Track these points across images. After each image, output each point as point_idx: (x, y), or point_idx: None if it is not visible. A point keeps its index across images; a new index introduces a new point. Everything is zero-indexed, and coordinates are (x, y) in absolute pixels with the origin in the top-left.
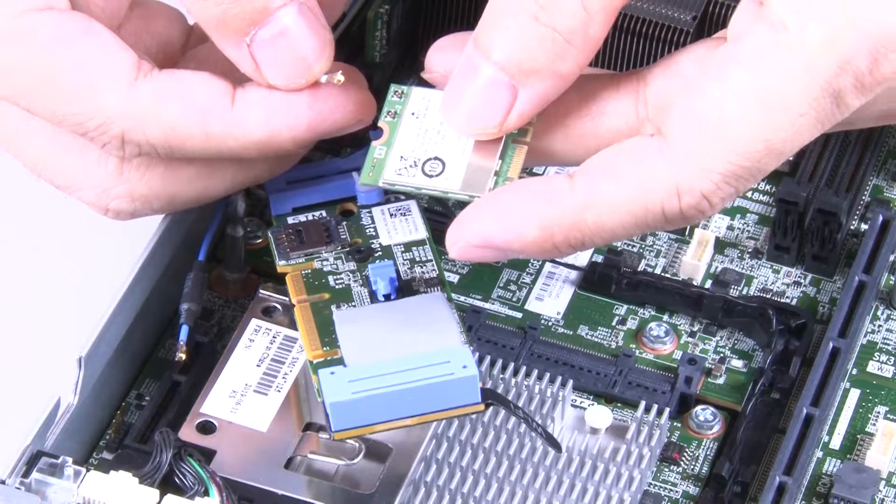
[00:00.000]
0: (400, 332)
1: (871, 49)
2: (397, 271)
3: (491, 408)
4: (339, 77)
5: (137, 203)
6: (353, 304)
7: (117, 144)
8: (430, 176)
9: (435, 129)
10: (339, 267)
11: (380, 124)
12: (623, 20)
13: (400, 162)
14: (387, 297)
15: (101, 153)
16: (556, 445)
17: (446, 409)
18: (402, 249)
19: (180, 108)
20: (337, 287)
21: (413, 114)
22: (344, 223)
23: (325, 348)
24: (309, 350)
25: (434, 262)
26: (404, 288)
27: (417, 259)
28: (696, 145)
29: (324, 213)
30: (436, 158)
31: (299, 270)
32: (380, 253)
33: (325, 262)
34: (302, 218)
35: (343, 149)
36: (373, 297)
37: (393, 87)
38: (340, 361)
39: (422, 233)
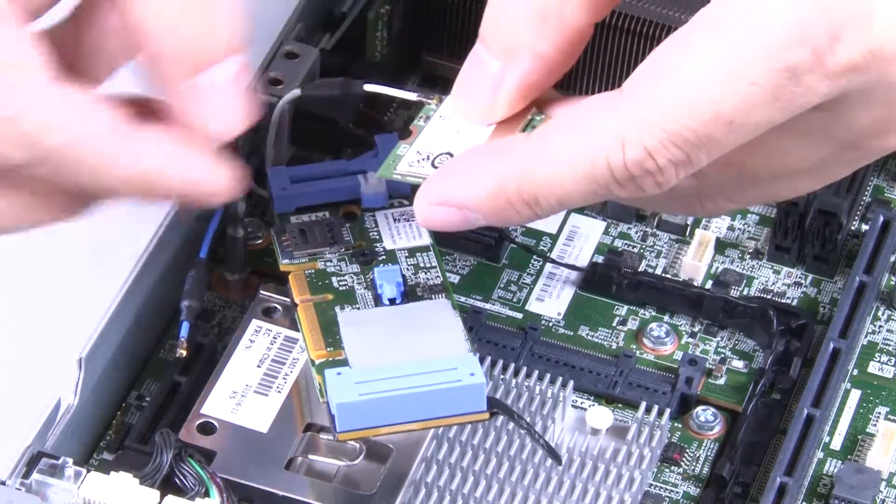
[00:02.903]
0: (405, 337)
1: (832, 25)
2: (403, 276)
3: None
4: (181, 352)
5: None
6: (357, 306)
7: (18, 142)
8: (437, 167)
9: (455, 129)
10: (343, 269)
11: (411, 127)
12: (623, 20)
13: (416, 156)
14: (392, 302)
15: None
16: (557, 458)
17: (451, 415)
18: (407, 255)
19: (91, 120)
20: (340, 289)
21: (441, 116)
22: (347, 225)
23: (328, 349)
24: (312, 350)
25: (438, 269)
26: (409, 293)
27: (421, 265)
28: (645, 98)
29: (327, 214)
30: (447, 153)
31: (302, 270)
32: (384, 257)
33: (328, 263)
34: (305, 218)
35: (343, 150)
36: (377, 300)
37: (436, 96)
38: (344, 363)
39: (426, 239)
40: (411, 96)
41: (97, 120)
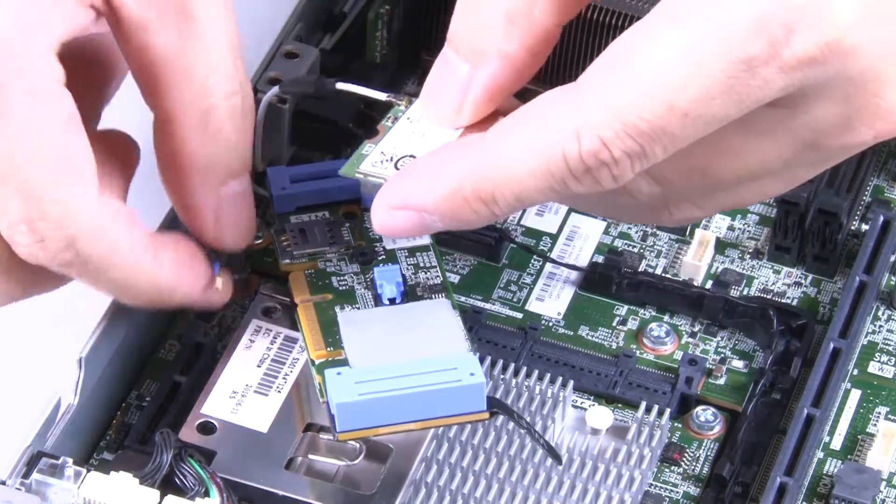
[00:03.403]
0: (405, 337)
1: (789, 17)
2: (403, 276)
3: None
4: (219, 282)
5: None
6: (357, 306)
7: (59, 246)
8: (399, 169)
9: (421, 133)
10: (343, 268)
11: (378, 126)
12: (615, 18)
13: (380, 156)
14: (392, 301)
15: None
16: (558, 458)
17: (451, 415)
18: (407, 254)
19: (128, 235)
20: (340, 288)
21: (409, 118)
22: (347, 225)
23: (328, 349)
24: (312, 350)
25: (438, 269)
26: (409, 293)
27: (421, 265)
28: (601, 89)
29: (327, 214)
30: (411, 156)
31: (302, 270)
32: (383, 256)
33: (328, 263)
34: (305, 217)
35: (343, 149)
36: (377, 300)
37: (405, 97)
38: (344, 362)
39: (426, 238)
40: (381, 96)
41: (134, 231)
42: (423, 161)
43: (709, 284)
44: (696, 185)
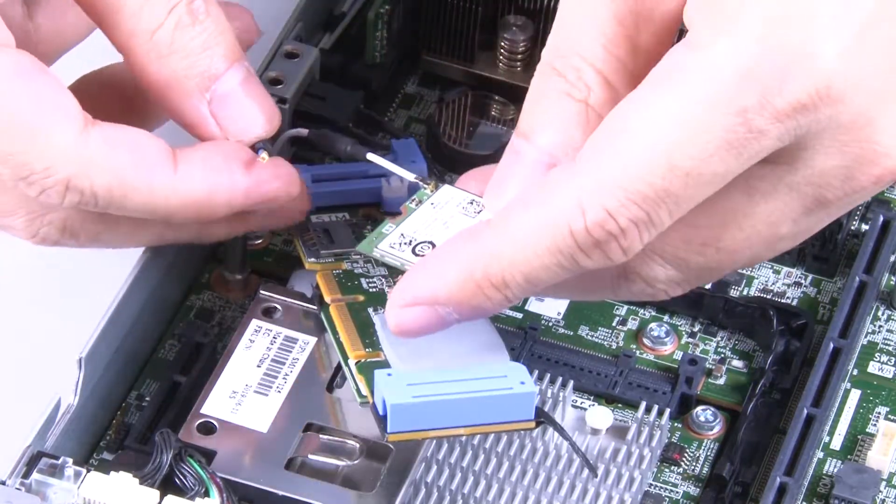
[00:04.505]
0: (446, 342)
1: (778, 66)
2: None
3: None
4: (264, 155)
5: (66, 235)
6: None
7: (60, 190)
8: (417, 255)
9: (443, 221)
10: (370, 271)
11: (402, 207)
12: None
13: (399, 238)
14: None
15: None
16: (594, 470)
17: (499, 422)
18: None
19: (130, 158)
20: (371, 290)
21: (433, 204)
22: (369, 227)
23: (366, 349)
24: (350, 350)
25: None
26: None
27: None
28: (600, 161)
29: (347, 216)
30: (430, 243)
31: (330, 270)
32: None
33: (355, 265)
34: (326, 218)
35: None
36: None
37: (433, 181)
38: (383, 364)
39: None
40: (409, 176)
41: (141, 151)
42: (432, 254)
43: (708, 284)
44: (711, 261)
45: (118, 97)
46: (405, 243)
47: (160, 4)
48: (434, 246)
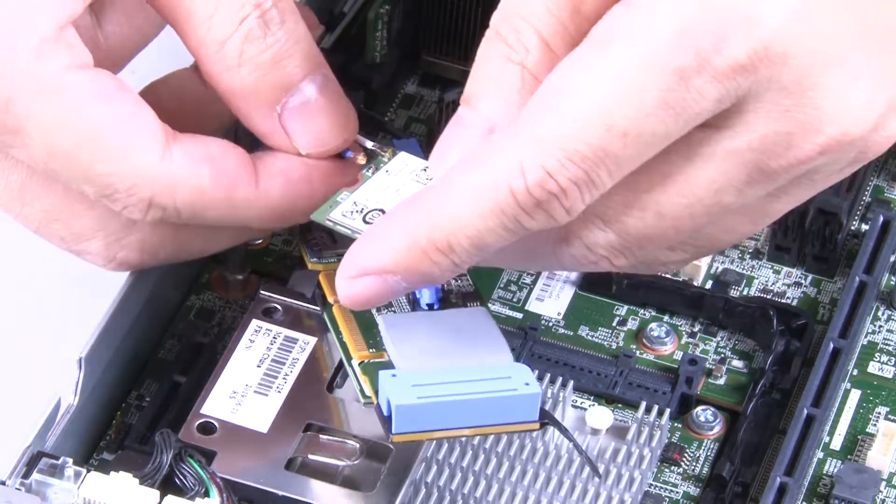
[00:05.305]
0: (449, 343)
1: (717, 27)
2: None
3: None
4: (360, 158)
5: (146, 254)
6: (394, 309)
7: (142, 207)
8: (367, 223)
9: (395, 188)
10: None
11: (358, 174)
12: None
13: (351, 206)
14: (430, 307)
15: None
16: (597, 472)
17: (504, 423)
18: None
19: (211, 173)
20: None
21: (387, 171)
22: None
23: (370, 350)
24: (353, 350)
25: (469, 277)
26: (444, 299)
27: None
28: (540, 121)
29: None
30: (380, 210)
31: (333, 270)
32: None
33: None
34: None
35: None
36: (413, 304)
37: (390, 149)
38: (387, 365)
39: None
40: (367, 144)
41: (220, 165)
42: (378, 222)
43: (709, 284)
44: (651, 227)
45: (190, 102)
46: (357, 211)
47: (231, 14)
48: (383, 213)
